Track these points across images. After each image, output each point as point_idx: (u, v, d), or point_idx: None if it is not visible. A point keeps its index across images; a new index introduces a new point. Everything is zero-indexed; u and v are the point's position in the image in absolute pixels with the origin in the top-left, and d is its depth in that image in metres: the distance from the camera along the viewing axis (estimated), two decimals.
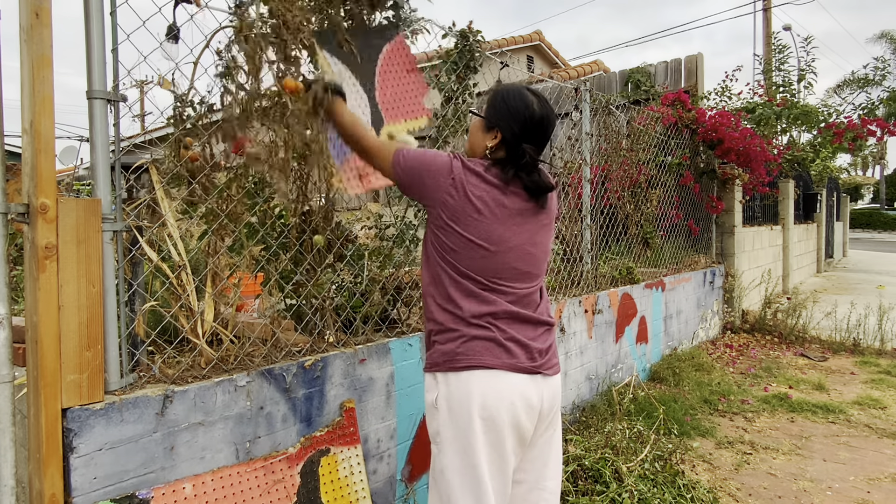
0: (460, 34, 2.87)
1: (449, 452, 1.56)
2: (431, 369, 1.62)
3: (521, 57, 13.34)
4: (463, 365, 1.55)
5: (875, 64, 15.28)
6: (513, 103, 1.61)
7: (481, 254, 1.57)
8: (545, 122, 1.62)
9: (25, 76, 1.44)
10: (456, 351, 1.57)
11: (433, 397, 1.60)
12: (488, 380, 1.54)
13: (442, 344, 1.60)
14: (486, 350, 1.56)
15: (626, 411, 3.49)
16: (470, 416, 1.52)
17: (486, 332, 1.57)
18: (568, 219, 4.17)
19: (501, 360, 1.56)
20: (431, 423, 1.62)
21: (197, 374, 1.84)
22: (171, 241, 1.89)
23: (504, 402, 1.54)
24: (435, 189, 1.58)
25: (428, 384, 1.64)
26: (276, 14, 1.94)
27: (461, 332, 1.57)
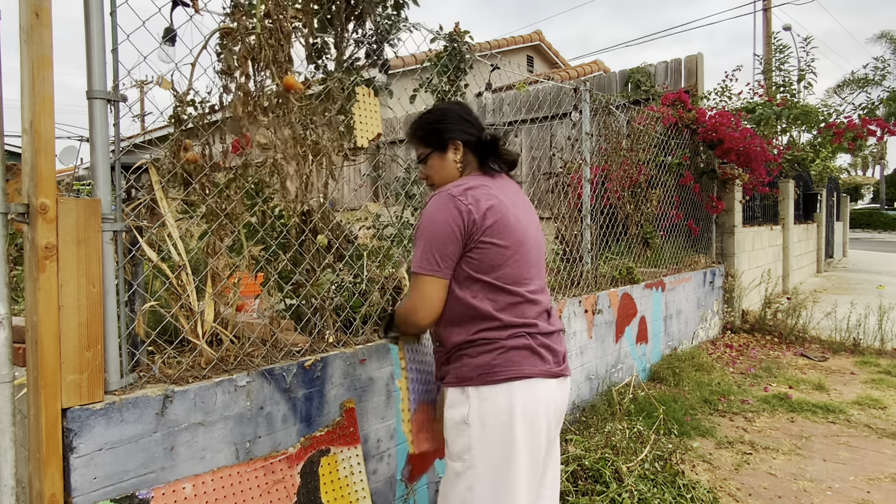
0: (448, 37, 2.87)
1: (482, 468, 1.51)
2: (461, 384, 1.56)
3: (521, 57, 13.35)
4: (503, 377, 1.51)
5: (875, 64, 15.28)
6: (441, 115, 1.72)
7: (517, 256, 1.57)
8: (467, 108, 1.75)
9: (25, 76, 1.44)
10: (493, 363, 1.52)
11: (462, 413, 1.54)
12: (528, 389, 1.53)
13: (473, 357, 1.55)
14: (522, 359, 1.54)
15: (626, 411, 3.49)
16: (512, 430, 1.49)
17: (522, 340, 1.55)
18: (568, 219, 4.17)
19: (538, 368, 1.55)
20: (458, 440, 1.55)
21: (197, 374, 1.84)
22: (170, 241, 1.89)
23: (541, 410, 1.54)
24: (463, 241, 1.54)
25: (454, 399, 1.58)
26: (273, 18, 1.95)
27: (497, 344, 1.54)
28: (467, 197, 1.55)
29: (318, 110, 2.22)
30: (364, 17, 2.45)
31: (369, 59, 2.58)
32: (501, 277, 1.55)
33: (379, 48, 2.56)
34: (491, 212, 1.54)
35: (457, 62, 2.89)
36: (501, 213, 1.56)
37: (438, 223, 1.54)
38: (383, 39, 2.53)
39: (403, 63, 7.77)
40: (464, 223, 1.52)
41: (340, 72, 2.41)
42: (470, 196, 1.55)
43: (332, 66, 2.44)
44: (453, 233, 1.52)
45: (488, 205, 1.55)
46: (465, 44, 2.91)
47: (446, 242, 1.53)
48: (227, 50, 1.95)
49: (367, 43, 2.52)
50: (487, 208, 1.54)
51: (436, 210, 1.56)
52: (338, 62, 2.43)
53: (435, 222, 1.54)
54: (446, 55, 2.88)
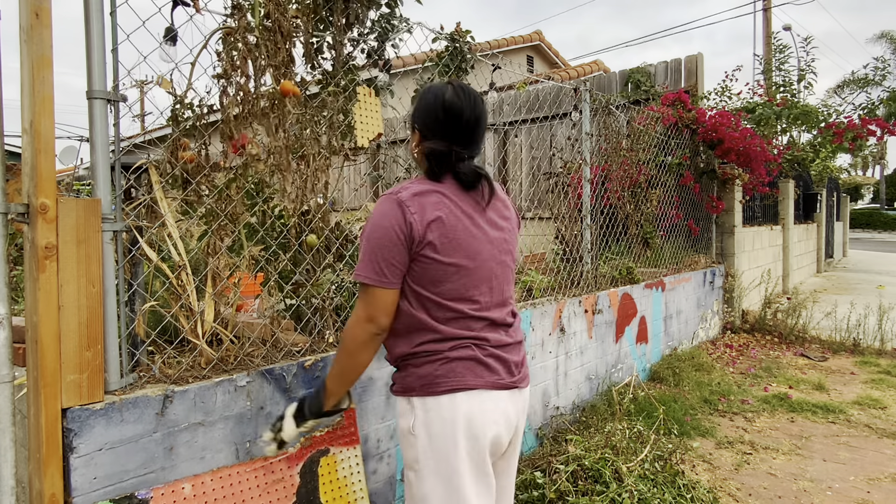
0: (450, 37, 2.87)
1: (430, 479, 1.46)
2: (406, 394, 1.51)
3: (521, 57, 13.35)
4: (444, 388, 1.45)
5: (875, 64, 15.26)
6: (425, 98, 1.53)
7: (461, 273, 1.47)
8: (454, 109, 1.48)
9: (25, 76, 1.44)
10: (435, 374, 1.47)
11: (409, 423, 1.49)
12: (471, 401, 1.46)
13: (417, 367, 1.49)
14: (467, 370, 1.48)
15: (626, 411, 3.49)
16: (455, 441, 1.44)
17: (467, 351, 1.48)
18: (568, 219, 4.17)
19: (483, 380, 1.49)
20: (408, 450, 1.50)
21: (197, 374, 1.84)
22: (170, 242, 1.89)
23: (488, 422, 1.48)
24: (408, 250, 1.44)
25: (402, 409, 1.53)
26: (272, 18, 1.95)
27: (441, 355, 1.47)
28: (414, 204, 1.43)
29: (318, 111, 2.22)
30: (363, 16, 2.45)
31: (370, 58, 2.58)
32: (443, 293, 1.47)
33: (380, 47, 2.56)
34: (436, 224, 1.43)
35: (458, 62, 2.89)
36: (449, 225, 1.45)
37: (385, 230, 1.43)
38: (384, 39, 2.53)
39: (403, 63, 7.77)
40: (408, 232, 1.42)
41: (340, 71, 2.41)
42: (416, 204, 1.44)
43: (332, 66, 2.44)
44: (400, 241, 1.43)
45: (434, 216, 1.43)
46: (467, 43, 2.90)
47: (392, 251, 1.43)
48: (227, 50, 1.95)
49: (366, 42, 2.52)
50: (432, 220, 1.43)
51: (381, 215, 1.45)
52: (337, 62, 2.43)
53: (381, 228, 1.43)
54: (448, 55, 2.88)
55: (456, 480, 1.45)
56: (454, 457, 1.45)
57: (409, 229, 1.42)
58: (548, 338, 3.41)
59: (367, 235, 1.46)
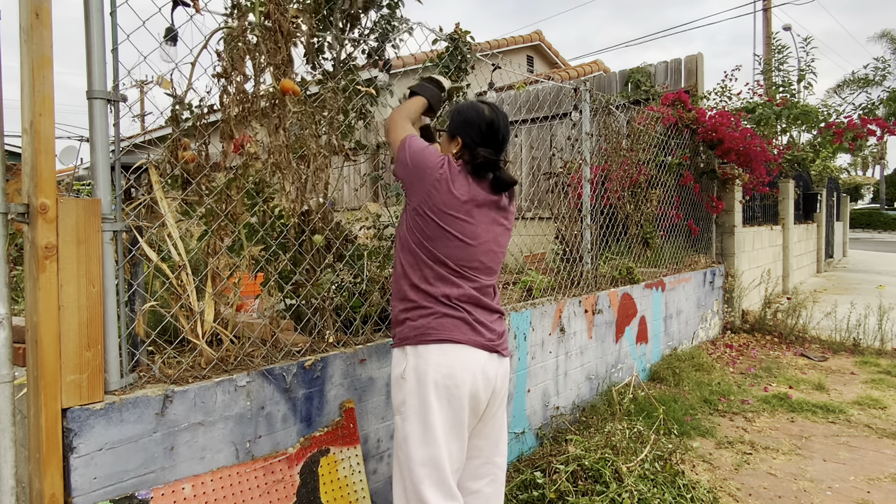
0: (449, 37, 2.87)
1: (413, 419, 1.69)
2: (402, 343, 1.76)
3: (521, 57, 13.34)
4: (434, 338, 1.71)
5: (875, 64, 15.25)
6: (465, 114, 1.86)
7: (456, 244, 1.76)
8: (494, 125, 1.84)
9: (25, 76, 1.44)
10: (428, 326, 1.73)
11: (401, 370, 1.74)
12: (456, 352, 1.71)
13: (414, 320, 1.75)
14: (454, 327, 1.73)
15: (626, 411, 3.49)
16: (436, 384, 1.68)
17: (456, 311, 1.75)
18: (568, 219, 4.17)
19: (468, 337, 1.74)
20: (398, 394, 1.74)
21: (197, 375, 1.84)
22: (170, 242, 1.89)
23: (468, 374, 1.71)
24: (422, 180, 1.75)
25: (396, 359, 1.78)
26: (272, 18, 1.95)
27: (433, 310, 1.74)
28: (452, 169, 1.77)
29: (319, 110, 2.22)
30: (364, 16, 2.44)
31: (370, 58, 2.57)
32: (449, 256, 1.75)
33: (380, 48, 2.56)
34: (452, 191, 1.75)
35: (458, 62, 2.89)
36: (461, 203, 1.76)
37: (431, 149, 1.80)
38: (384, 39, 2.53)
39: (403, 63, 7.77)
40: (435, 167, 1.74)
41: (341, 71, 2.41)
42: (455, 172, 1.77)
43: (332, 66, 2.44)
44: (430, 157, 1.76)
45: (457, 190, 1.75)
46: (467, 44, 2.90)
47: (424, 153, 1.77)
48: (228, 49, 1.95)
49: (367, 42, 2.52)
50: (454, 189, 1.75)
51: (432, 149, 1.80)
52: (337, 61, 2.43)
53: (430, 148, 1.80)
54: (447, 55, 2.87)
55: (431, 419, 1.67)
56: (434, 398, 1.68)
57: (440, 165, 1.75)
58: (548, 338, 3.41)
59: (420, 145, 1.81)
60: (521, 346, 3.17)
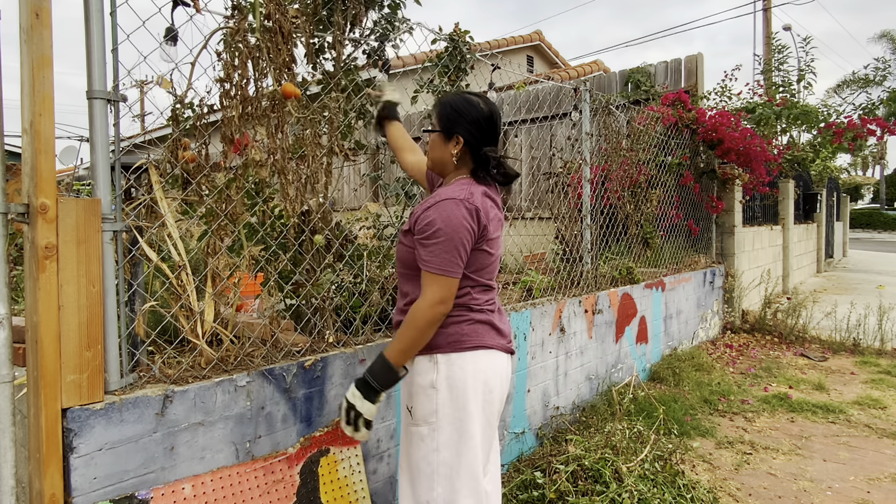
0: (449, 37, 2.87)
1: (447, 429, 1.63)
2: (431, 352, 1.67)
3: (521, 57, 13.34)
4: (469, 345, 1.67)
5: (875, 64, 15.27)
6: (464, 109, 1.72)
7: (489, 260, 1.73)
8: (494, 117, 1.75)
9: (25, 76, 1.44)
10: (462, 333, 1.67)
11: (430, 379, 1.66)
12: (489, 358, 1.70)
13: (444, 327, 1.67)
14: (486, 332, 1.71)
15: (626, 411, 3.49)
16: (475, 391, 1.65)
17: (486, 316, 1.73)
18: (568, 219, 4.17)
19: (497, 342, 1.73)
20: (426, 404, 1.66)
21: (197, 375, 1.84)
22: (170, 242, 1.89)
23: (499, 379, 1.71)
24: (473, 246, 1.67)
25: (423, 367, 1.68)
26: (272, 19, 1.95)
27: (466, 316, 1.69)
28: (483, 208, 1.66)
29: (319, 111, 2.22)
30: (364, 16, 2.44)
31: (370, 59, 2.58)
32: (481, 273, 1.72)
33: (380, 48, 2.56)
34: (493, 224, 1.70)
35: (458, 62, 2.89)
36: (497, 221, 1.74)
37: (462, 230, 1.62)
38: (384, 39, 2.53)
39: (403, 63, 7.77)
40: (478, 231, 1.65)
41: (341, 72, 2.41)
42: (483, 207, 1.67)
43: (333, 67, 2.44)
44: (471, 240, 1.64)
45: (493, 216, 1.71)
46: (466, 44, 2.90)
47: (466, 247, 1.63)
48: (228, 50, 1.95)
49: (367, 43, 2.52)
50: (491, 219, 1.69)
51: (458, 217, 1.62)
52: (338, 62, 2.43)
53: (459, 228, 1.61)
54: (447, 55, 2.88)
55: (471, 428, 1.63)
56: (471, 405, 1.64)
57: (480, 229, 1.65)
58: (548, 338, 3.41)
59: (446, 233, 1.61)
60: (522, 346, 3.17)
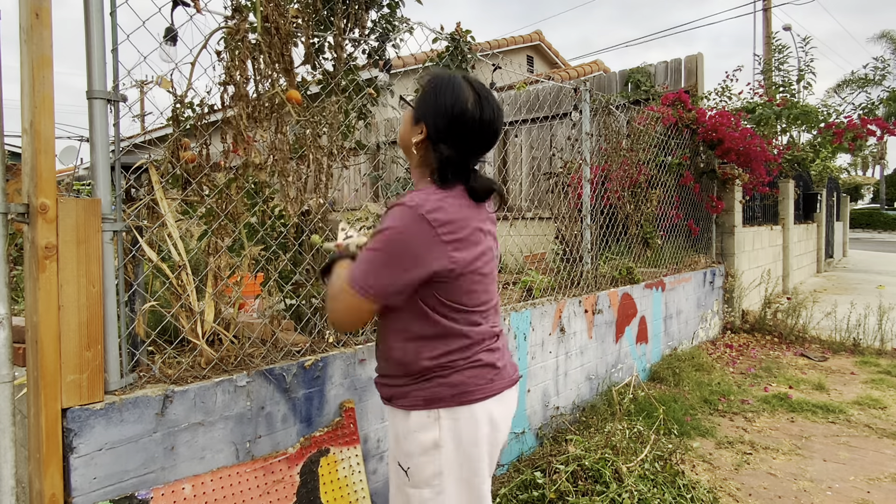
0: (450, 37, 2.88)
1: (453, 491, 1.41)
2: (431, 406, 1.40)
3: (521, 57, 13.34)
4: (478, 396, 1.42)
5: (875, 64, 15.27)
6: (443, 98, 1.37)
7: (477, 279, 1.42)
8: (480, 124, 1.37)
9: (25, 76, 1.44)
10: (466, 382, 1.41)
11: (434, 436, 1.39)
12: (497, 403, 1.46)
13: (445, 377, 1.40)
14: (493, 374, 1.46)
15: (626, 411, 3.49)
16: (484, 444, 1.43)
17: (487, 355, 1.45)
18: (568, 219, 4.17)
19: (504, 381, 1.49)
20: (427, 465, 1.40)
21: (197, 374, 1.84)
22: (171, 241, 1.89)
23: (506, 422, 1.50)
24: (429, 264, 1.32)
25: (420, 424, 1.41)
26: (270, 21, 1.95)
27: (468, 361, 1.42)
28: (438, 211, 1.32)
29: (319, 112, 2.22)
30: (364, 16, 2.44)
31: (370, 58, 2.58)
32: (468, 302, 1.41)
33: (380, 48, 2.56)
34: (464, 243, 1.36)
35: (459, 62, 2.89)
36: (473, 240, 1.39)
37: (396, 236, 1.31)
38: (385, 39, 2.53)
39: (404, 63, 7.77)
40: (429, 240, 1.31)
41: (341, 72, 2.41)
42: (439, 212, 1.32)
43: (333, 67, 2.44)
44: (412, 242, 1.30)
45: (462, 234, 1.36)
46: (467, 43, 2.91)
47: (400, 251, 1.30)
48: (228, 50, 1.95)
49: (367, 42, 2.52)
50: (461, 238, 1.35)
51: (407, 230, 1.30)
52: (338, 62, 2.43)
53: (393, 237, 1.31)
54: (448, 55, 2.88)
55: (478, 483, 1.43)
56: (480, 460, 1.43)
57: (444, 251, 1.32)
58: (548, 338, 3.41)
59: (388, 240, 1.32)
60: (521, 347, 3.17)
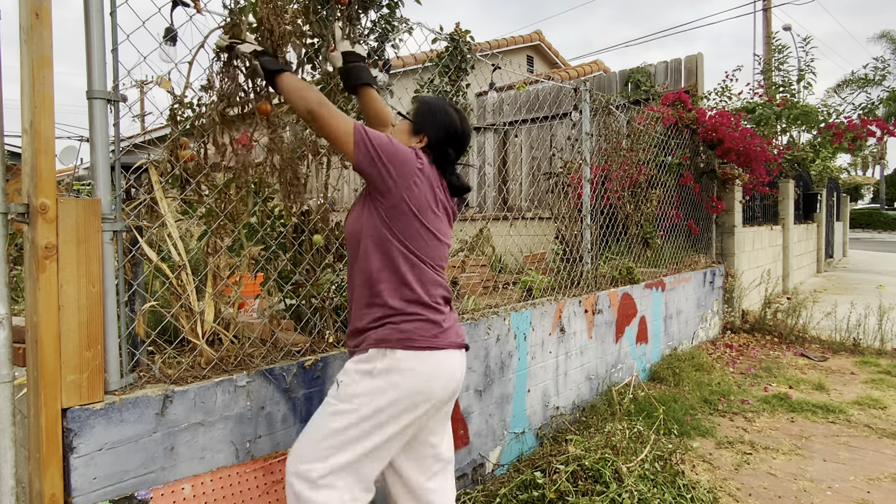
0: (449, 37, 2.87)
1: (367, 413, 1.60)
2: (380, 345, 1.64)
3: (521, 57, 13.34)
4: (424, 345, 1.64)
5: (875, 64, 15.26)
6: (439, 115, 1.80)
7: (435, 243, 1.73)
8: (464, 135, 1.83)
9: (25, 76, 1.44)
10: (415, 332, 1.64)
11: (371, 366, 1.63)
12: (441, 360, 1.67)
13: (396, 324, 1.65)
14: (440, 332, 1.68)
15: (626, 411, 3.49)
16: (413, 392, 1.62)
17: (439, 314, 1.70)
18: (568, 219, 4.17)
19: (450, 340, 1.70)
20: (357, 384, 1.62)
21: (197, 374, 1.84)
22: (170, 241, 1.89)
23: (451, 381, 1.69)
24: (402, 176, 1.65)
25: (370, 355, 1.65)
26: (264, 23, 1.95)
27: (420, 315, 1.67)
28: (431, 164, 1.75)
29: None
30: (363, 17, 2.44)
31: (370, 59, 2.57)
32: (425, 252, 1.70)
33: (380, 48, 2.56)
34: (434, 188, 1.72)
35: (458, 62, 2.89)
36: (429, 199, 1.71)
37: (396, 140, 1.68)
38: (384, 39, 2.53)
39: (403, 63, 7.77)
40: (412, 161, 1.67)
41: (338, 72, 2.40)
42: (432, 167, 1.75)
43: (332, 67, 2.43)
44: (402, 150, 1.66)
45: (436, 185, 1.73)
46: (467, 43, 2.90)
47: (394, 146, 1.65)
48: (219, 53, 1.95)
49: (367, 43, 2.51)
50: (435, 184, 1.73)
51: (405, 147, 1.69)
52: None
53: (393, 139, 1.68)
54: (447, 55, 2.88)
55: (389, 429, 1.61)
56: (403, 407, 1.61)
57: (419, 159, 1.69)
58: (548, 338, 3.41)
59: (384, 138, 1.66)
60: (521, 346, 3.17)
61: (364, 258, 1.70)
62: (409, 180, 1.66)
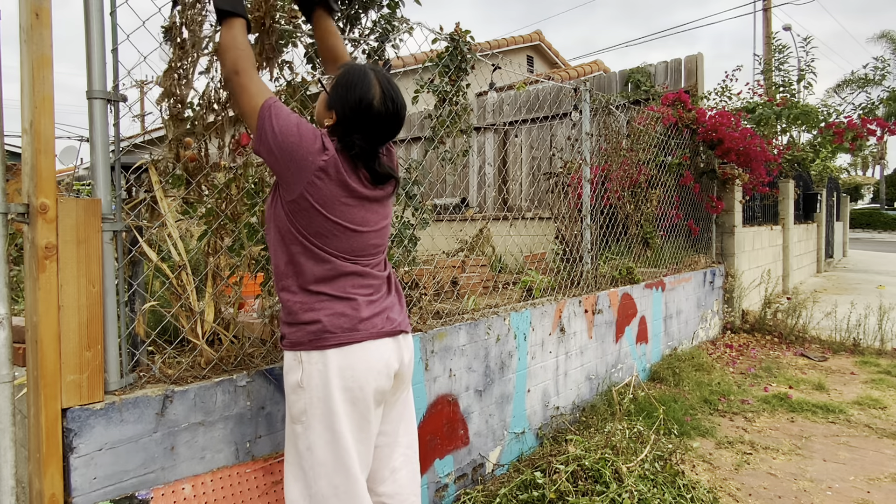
0: (449, 37, 2.87)
1: (318, 428, 1.58)
2: (295, 348, 1.60)
3: (521, 57, 13.34)
4: (331, 343, 1.56)
5: (875, 64, 15.25)
6: (354, 91, 1.56)
7: (348, 235, 1.59)
8: (382, 117, 1.58)
9: (25, 76, 1.44)
10: (324, 329, 1.57)
11: (297, 378, 1.59)
12: (355, 353, 1.59)
13: (307, 322, 1.58)
14: (351, 325, 1.59)
15: (626, 411, 3.49)
16: (341, 390, 1.57)
17: (350, 305, 1.60)
18: (568, 219, 4.17)
19: (367, 332, 1.61)
20: (296, 403, 1.59)
21: (197, 374, 1.84)
22: (171, 241, 1.89)
23: (372, 373, 1.60)
24: (301, 169, 1.50)
25: (290, 364, 1.61)
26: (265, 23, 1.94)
27: (328, 309, 1.58)
28: (337, 150, 1.55)
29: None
30: (363, 16, 2.44)
31: (370, 58, 2.57)
32: (334, 246, 1.58)
33: (380, 48, 2.56)
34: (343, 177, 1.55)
35: (458, 62, 2.89)
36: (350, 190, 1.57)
37: (304, 122, 1.52)
38: (384, 39, 2.53)
39: (403, 63, 7.77)
40: (317, 150, 1.51)
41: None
42: (339, 153, 1.55)
43: None
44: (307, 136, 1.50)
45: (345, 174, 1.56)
46: (467, 43, 2.90)
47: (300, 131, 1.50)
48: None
49: (367, 42, 2.52)
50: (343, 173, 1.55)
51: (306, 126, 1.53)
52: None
53: (302, 120, 1.52)
54: (447, 55, 2.87)
55: (339, 427, 1.57)
56: (338, 405, 1.57)
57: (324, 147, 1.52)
58: (548, 338, 3.41)
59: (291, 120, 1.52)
60: (521, 346, 3.17)
61: (273, 251, 1.63)
62: (310, 176, 1.50)
